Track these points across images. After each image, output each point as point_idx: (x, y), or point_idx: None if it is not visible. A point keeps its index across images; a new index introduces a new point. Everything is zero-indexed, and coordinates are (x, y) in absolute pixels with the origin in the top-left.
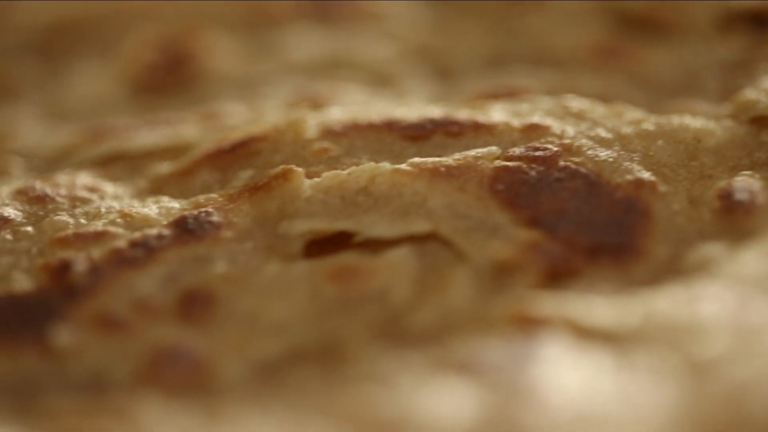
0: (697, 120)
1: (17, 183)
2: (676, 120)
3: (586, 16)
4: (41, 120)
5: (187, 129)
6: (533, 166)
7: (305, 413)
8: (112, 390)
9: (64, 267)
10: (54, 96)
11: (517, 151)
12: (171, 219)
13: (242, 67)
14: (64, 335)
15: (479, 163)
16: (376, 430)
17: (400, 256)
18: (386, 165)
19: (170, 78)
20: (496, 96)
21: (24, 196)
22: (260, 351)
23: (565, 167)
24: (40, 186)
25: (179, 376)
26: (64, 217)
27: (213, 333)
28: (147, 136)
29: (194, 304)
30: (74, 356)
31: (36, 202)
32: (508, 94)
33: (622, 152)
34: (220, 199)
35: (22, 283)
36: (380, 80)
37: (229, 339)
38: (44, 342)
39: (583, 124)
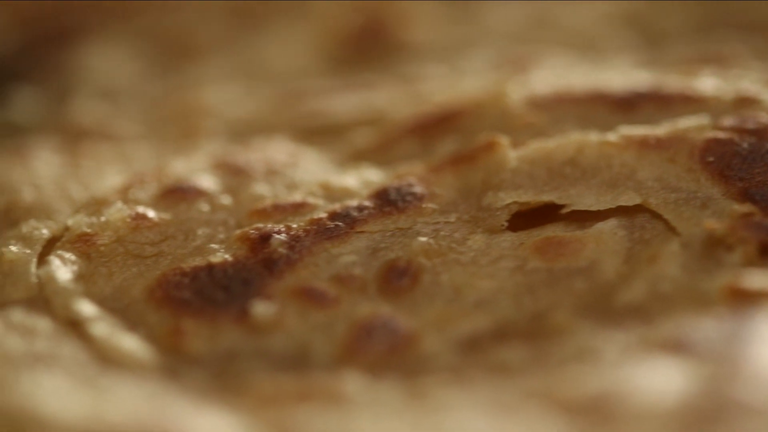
0: None
1: (211, 150)
2: None
3: None
4: (233, 84)
5: (384, 94)
6: (745, 137)
7: (510, 393)
8: (313, 366)
9: (263, 238)
10: (245, 60)
11: (727, 121)
12: (371, 190)
13: (442, 34)
14: (265, 309)
15: (689, 134)
16: (584, 411)
17: (608, 229)
18: (593, 136)
19: (367, 46)
20: (705, 61)
21: (219, 166)
22: (463, 327)
23: None
24: (235, 155)
25: (381, 353)
26: (261, 188)
27: (416, 308)
28: (344, 102)
29: (397, 278)
30: (275, 331)
31: (232, 172)
32: (717, 60)
33: None
34: (422, 170)
35: (221, 254)
36: (584, 44)
37: (432, 314)
38: (245, 316)
39: None
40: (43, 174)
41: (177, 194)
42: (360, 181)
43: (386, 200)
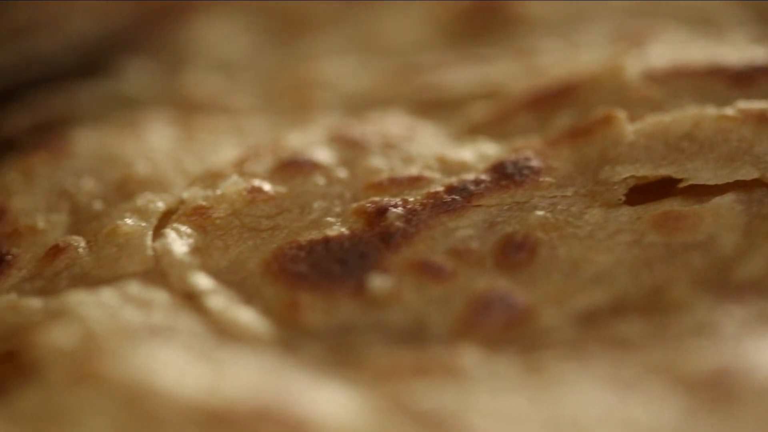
0: None
1: (327, 123)
2: None
3: None
4: (347, 57)
5: (500, 68)
6: None
7: (629, 368)
8: (430, 341)
9: (380, 212)
10: (360, 33)
11: None
12: (488, 163)
13: (557, 8)
14: (382, 282)
15: None
16: (703, 386)
17: (726, 203)
18: (711, 110)
19: (482, 19)
20: None
21: (335, 139)
22: (581, 301)
23: None
24: (351, 128)
25: (498, 327)
26: (377, 161)
27: (533, 282)
28: (460, 76)
29: (514, 252)
30: (391, 305)
31: (348, 145)
32: None
33: None
34: (539, 143)
35: (337, 228)
36: (699, 19)
37: (549, 288)
38: (361, 289)
39: None
40: (157, 147)
41: (293, 167)
42: (477, 154)
43: (503, 174)
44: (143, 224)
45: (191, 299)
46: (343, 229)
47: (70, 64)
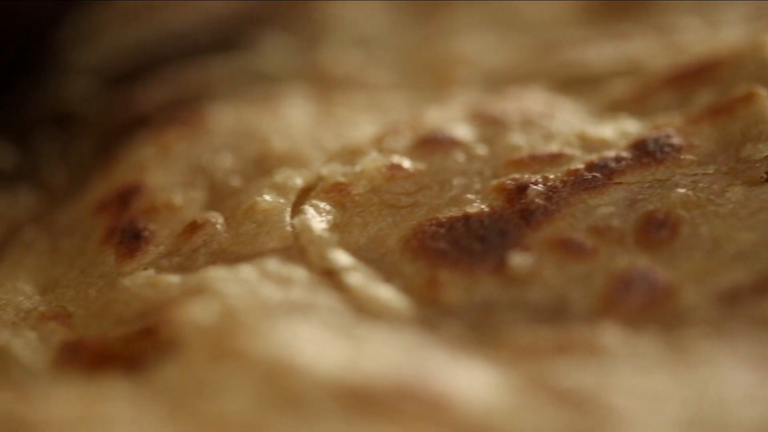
0: None
1: (466, 99)
2: None
3: None
4: (486, 33)
5: (640, 45)
6: None
7: None
8: (571, 318)
9: (521, 189)
10: (498, 9)
11: None
12: (629, 141)
13: None
14: (522, 260)
15: None
16: None
17: None
18: None
19: None
20: None
21: (475, 115)
22: (723, 280)
23: None
24: (491, 105)
25: (640, 305)
26: (517, 138)
27: (674, 260)
28: (600, 52)
29: (655, 230)
30: (532, 282)
31: (487, 121)
32: None
33: None
34: (680, 121)
35: (477, 205)
36: None
37: (690, 266)
38: (502, 266)
39: None
40: (295, 122)
41: (432, 144)
42: (617, 131)
43: (644, 151)
44: (282, 200)
45: (330, 276)
46: (483, 206)
47: (206, 39)
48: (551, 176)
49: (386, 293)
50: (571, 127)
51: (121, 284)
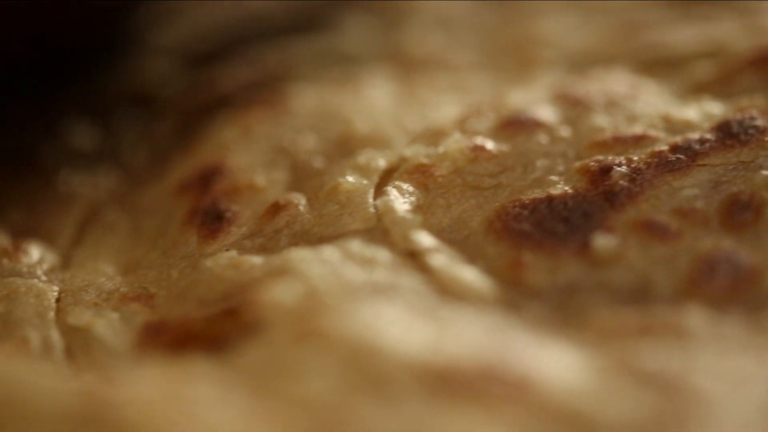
0: None
1: (549, 81)
2: None
3: None
4: (568, 14)
5: (724, 26)
6: None
7: None
8: (655, 300)
9: (604, 171)
10: None
11: None
12: (713, 122)
13: None
14: (606, 242)
15: None
16: None
17: None
18: None
19: None
20: None
21: (558, 97)
22: None
23: None
24: (574, 86)
25: (724, 287)
26: (600, 120)
27: (759, 242)
28: (683, 34)
29: (739, 212)
30: (616, 264)
31: (571, 103)
32: None
33: None
34: (765, 103)
35: (561, 186)
36: None
37: None
38: (585, 248)
39: None
40: (377, 103)
41: (515, 125)
42: (701, 113)
43: (728, 133)
44: (365, 182)
45: (413, 257)
46: (567, 188)
47: (288, 19)
48: (635, 158)
49: (470, 275)
50: (654, 109)
51: (203, 265)
